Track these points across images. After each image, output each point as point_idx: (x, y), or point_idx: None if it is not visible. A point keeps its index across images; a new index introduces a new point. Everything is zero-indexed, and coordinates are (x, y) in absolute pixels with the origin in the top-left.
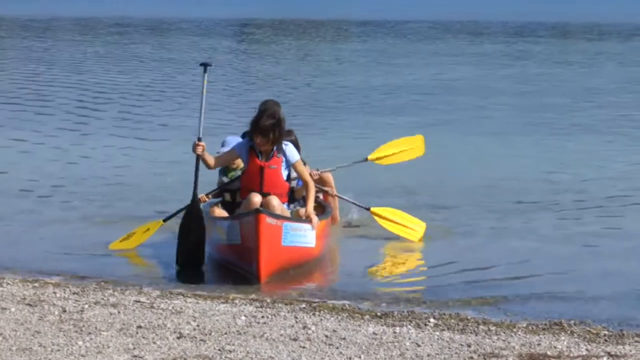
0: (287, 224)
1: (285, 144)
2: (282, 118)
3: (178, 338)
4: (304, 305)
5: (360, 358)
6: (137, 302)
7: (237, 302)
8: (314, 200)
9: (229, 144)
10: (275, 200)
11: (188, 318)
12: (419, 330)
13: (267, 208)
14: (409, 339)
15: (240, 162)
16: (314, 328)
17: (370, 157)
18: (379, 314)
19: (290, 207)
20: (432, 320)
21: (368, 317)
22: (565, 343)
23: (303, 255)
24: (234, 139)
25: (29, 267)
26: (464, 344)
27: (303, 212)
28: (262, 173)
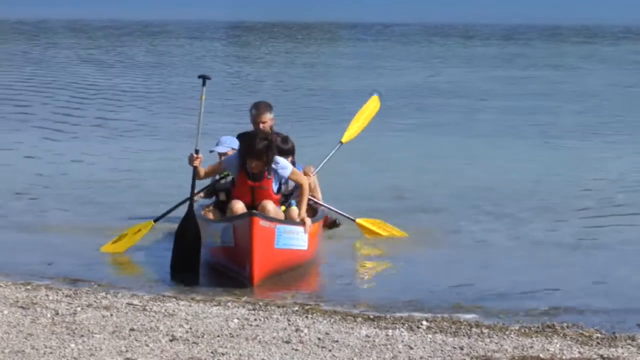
0: (280, 227)
1: (277, 163)
2: (273, 139)
3: (171, 341)
4: (297, 308)
5: None
6: (129, 304)
7: (229, 304)
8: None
9: (223, 144)
10: (271, 205)
11: (181, 321)
12: (412, 333)
13: (262, 212)
14: (402, 342)
15: None
16: (307, 331)
17: (344, 139)
18: (372, 317)
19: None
20: (424, 323)
21: (360, 319)
22: (558, 346)
23: (296, 258)
24: (229, 139)
25: (22, 269)
26: (457, 347)
27: (295, 213)
28: (253, 192)
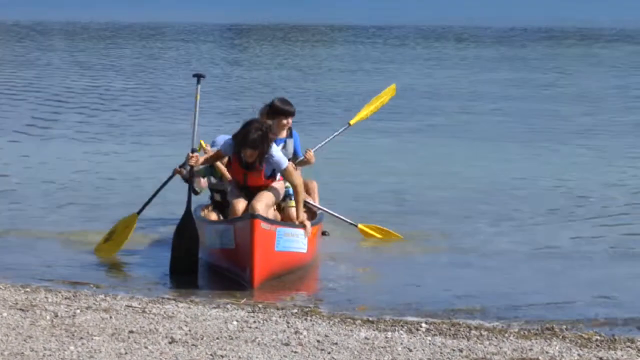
0: (280, 229)
1: (272, 156)
2: (268, 130)
3: (170, 343)
4: (296, 311)
5: None
6: (129, 307)
7: (228, 307)
8: (304, 205)
9: (219, 144)
10: (260, 205)
11: (180, 323)
12: (411, 336)
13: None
14: (401, 344)
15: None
16: (306, 333)
17: (352, 121)
18: (371, 319)
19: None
20: (424, 325)
21: (360, 322)
22: (557, 348)
23: (295, 261)
24: (224, 139)
25: (21, 272)
26: (456, 349)
27: (294, 213)
28: (245, 177)
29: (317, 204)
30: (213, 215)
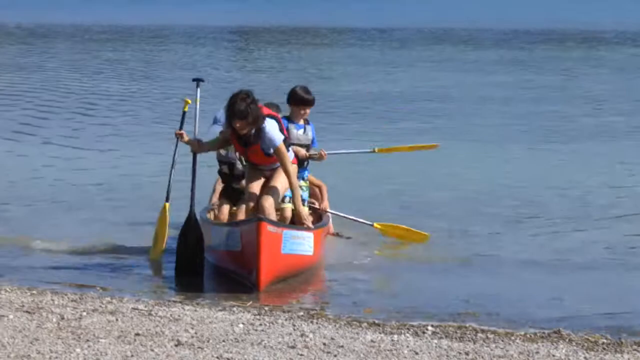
0: (287, 232)
1: (265, 131)
2: (254, 100)
3: (176, 345)
4: (302, 313)
5: None
6: (135, 309)
7: (235, 309)
8: (308, 206)
9: (219, 119)
10: (268, 203)
11: (186, 325)
12: (417, 338)
13: (261, 211)
14: (407, 347)
15: None
16: (312, 336)
17: (379, 149)
18: (377, 322)
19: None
20: (430, 328)
21: (366, 325)
22: (564, 351)
23: (302, 263)
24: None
25: (27, 274)
26: (462, 352)
27: (289, 212)
28: (246, 153)
29: (328, 209)
30: (223, 201)
